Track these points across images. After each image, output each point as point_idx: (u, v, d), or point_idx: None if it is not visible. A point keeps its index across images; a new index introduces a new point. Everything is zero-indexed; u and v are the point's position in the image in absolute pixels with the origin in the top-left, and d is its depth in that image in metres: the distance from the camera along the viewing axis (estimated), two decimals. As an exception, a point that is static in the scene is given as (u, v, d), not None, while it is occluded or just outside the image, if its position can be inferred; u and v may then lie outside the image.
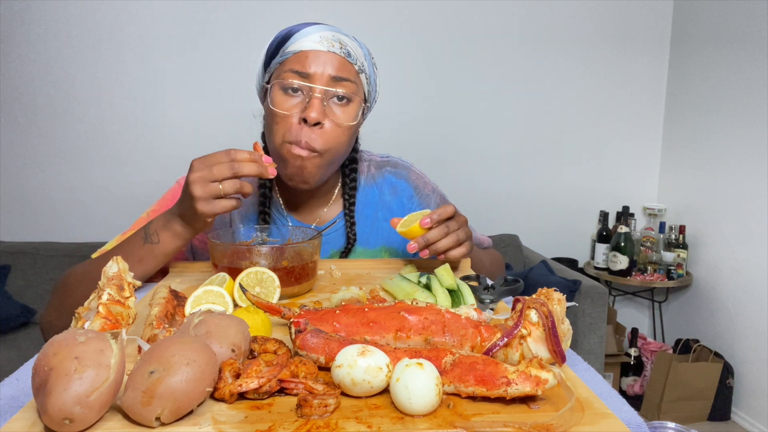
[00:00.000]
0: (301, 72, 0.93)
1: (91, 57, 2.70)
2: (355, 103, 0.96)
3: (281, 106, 0.94)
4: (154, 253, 0.90)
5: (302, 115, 0.92)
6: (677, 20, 3.00)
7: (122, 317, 0.64)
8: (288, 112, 0.93)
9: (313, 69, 0.92)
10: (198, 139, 2.79)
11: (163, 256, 0.91)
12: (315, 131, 0.93)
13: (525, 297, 0.60)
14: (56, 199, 2.78)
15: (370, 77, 1.01)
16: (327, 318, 0.63)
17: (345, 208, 1.09)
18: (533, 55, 2.97)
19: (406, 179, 1.16)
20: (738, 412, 2.62)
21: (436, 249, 0.90)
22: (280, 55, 0.96)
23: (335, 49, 0.94)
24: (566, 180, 3.10)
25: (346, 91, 0.94)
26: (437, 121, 2.92)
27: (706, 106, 2.81)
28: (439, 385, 0.50)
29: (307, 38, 0.94)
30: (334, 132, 0.94)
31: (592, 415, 0.50)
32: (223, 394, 0.51)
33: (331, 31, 0.96)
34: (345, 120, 0.95)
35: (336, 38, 0.95)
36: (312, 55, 0.93)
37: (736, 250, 2.64)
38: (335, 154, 0.97)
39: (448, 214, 0.91)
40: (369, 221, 1.12)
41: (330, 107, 0.94)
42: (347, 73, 0.95)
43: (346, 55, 0.95)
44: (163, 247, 0.90)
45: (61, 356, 0.46)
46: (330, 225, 1.08)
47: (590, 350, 2.39)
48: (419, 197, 1.16)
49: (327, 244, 1.09)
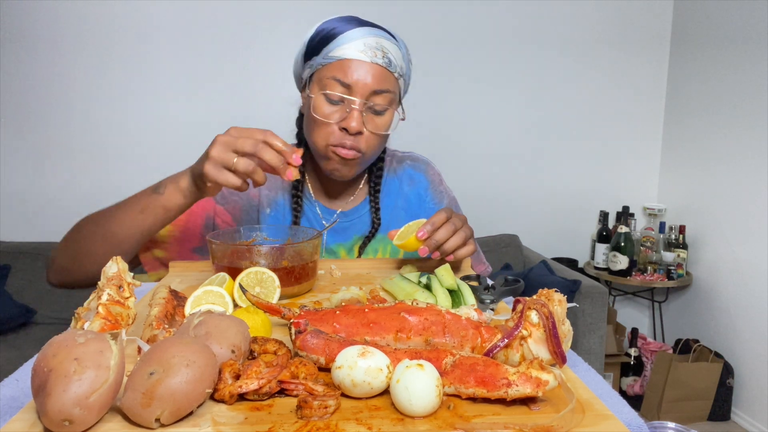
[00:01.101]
0: (342, 82, 0.97)
1: (91, 58, 2.70)
2: (391, 111, 1.02)
3: (323, 113, 0.99)
4: (155, 204, 0.90)
5: (342, 125, 0.98)
6: (677, 21, 3.00)
7: (122, 317, 0.64)
8: (330, 120, 0.98)
9: (354, 79, 0.96)
10: (198, 140, 2.77)
11: (163, 210, 0.90)
12: (356, 137, 0.99)
13: (525, 298, 0.60)
14: (56, 199, 2.78)
15: (407, 77, 1.06)
16: (327, 318, 0.63)
17: (370, 195, 1.15)
18: (533, 55, 2.96)
19: (424, 172, 1.22)
20: (738, 412, 2.62)
21: (445, 249, 0.91)
22: (323, 56, 0.99)
23: (378, 59, 0.97)
24: (566, 180, 3.10)
25: (384, 103, 0.99)
26: (437, 121, 2.92)
27: (706, 106, 2.81)
28: (439, 386, 0.50)
29: (351, 45, 0.97)
30: (372, 138, 1.01)
31: (592, 416, 0.50)
32: (222, 396, 0.51)
33: (375, 37, 0.99)
34: (381, 128, 1.01)
35: (379, 45, 0.98)
36: (355, 64, 0.96)
37: (736, 250, 2.64)
38: (374, 155, 1.05)
39: (443, 219, 0.92)
40: (389, 210, 1.17)
41: (369, 116, 0.99)
42: (387, 84, 0.99)
43: (386, 65, 0.98)
44: (165, 200, 0.90)
45: (60, 357, 0.46)
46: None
47: (590, 350, 2.39)
48: (433, 191, 1.21)
49: (350, 230, 1.14)
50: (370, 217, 1.15)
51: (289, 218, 1.12)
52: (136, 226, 0.92)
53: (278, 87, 2.85)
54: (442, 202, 1.21)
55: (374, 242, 1.15)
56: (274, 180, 1.13)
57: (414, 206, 1.19)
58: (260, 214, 1.12)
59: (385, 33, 1.01)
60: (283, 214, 1.12)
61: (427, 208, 1.20)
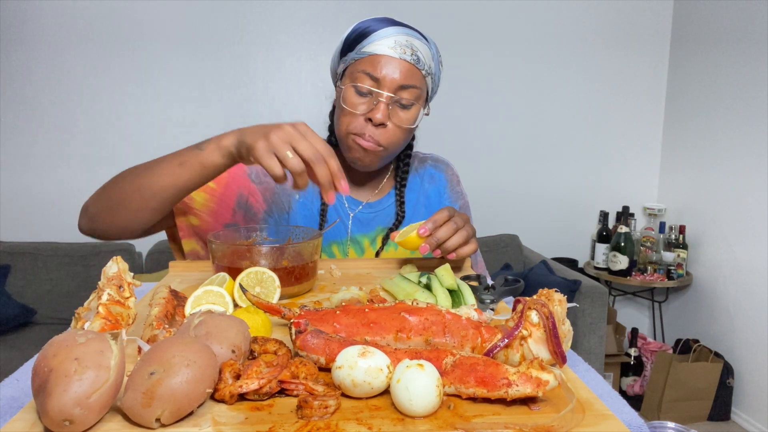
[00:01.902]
0: (372, 75, 1.01)
1: (91, 58, 2.70)
2: (416, 107, 1.05)
3: (351, 103, 1.03)
4: (193, 159, 0.90)
5: (368, 115, 1.02)
6: (677, 21, 3.00)
7: (122, 317, 0.64)
8: (357, 111, 1.03)
9: (383, 73, 1.01)
10: (198, 140, 2.78)
11: (200, 167, 0.89)
12: (379, 129, 1.03)
13: (526, 298, 0.60)
14: (56, 199, 2.78)
15: (436, 76, 1.09)
16: (327, 318, 0.63)
17: (396, 189, 1.19)
18: (533, 55, 2.97)
19: (444, 172, 1.28)
20: (738, 412, 2.62)
21: (447, 247, 0.92)
22: (356, 52, 1.04)
23: (406, 56, 1.02)
24: (566, 180, 3.10)
25: (409, 98, 1.03)
26: (437, 121, 2.91)
27: (706, 106, 2.81)
28: (439, 386, 0.50)
29: (382, 42, 1.02)
30: (396, 132, 1.04)
31: (592, 416, 0.50)
32: (223, 395, 0.51)
33: (405, 36, 1.03)
34: (406, 123, 1.05)
35: (409, 44, 1.02)
36: (384, 60, 1.01)
37: (736, 250, 2.64)
38: (395, 149, 1.08)
39: (444, 218, 0.93)
40: (411, 205, 1.21)
41: (394, 110, 1.03)
42: (413, 80, 1.03)
43: (415, 62, 1.02)
44: (204, 156, 0.89)
45: (60, 357, 0.46)
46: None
47: (590, 350, 2.39)
48: (451, 191, 1.26)
49: (374, 221, 1.17)
50: (394, 210, 1.19)
51: (317, 204, 1.15)
52: (172, 180, 0.91)
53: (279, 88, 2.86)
54: (458, 203, 1.26)
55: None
56: None
57: (434, 203, 1.23)
58: (291, 198, 1.15)
59: (416, 33, 1.05)
60: (311, 200, 1.16)
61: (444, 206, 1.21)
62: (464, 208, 1.27)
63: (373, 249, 1.16)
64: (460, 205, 1.26)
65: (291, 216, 1.14)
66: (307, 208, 1.15)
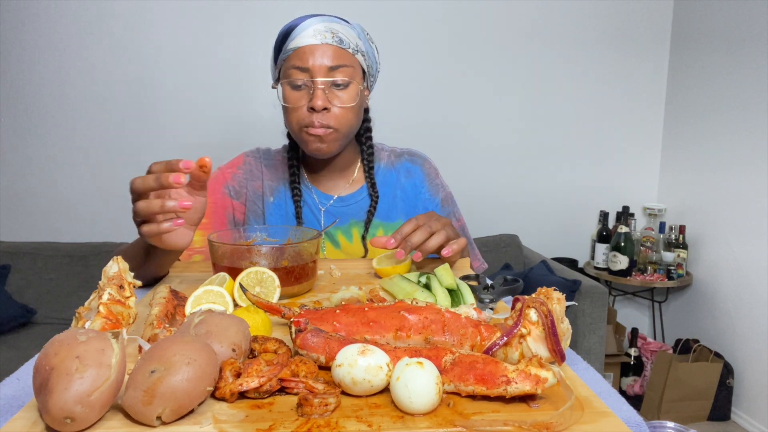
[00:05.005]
0: (301, 67, 1.04)
1: (91, 57, 2.70)
2: (354, 85, 1.07)
3: (291, 100, 1.07)
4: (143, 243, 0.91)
5: (310, 105, 1.05)
6: (677, 21, 3.00)
7: (123, 317, 0.64)
8: (298, 105, 1.06)
9: (311, 63, 1.04)
10: (197, 140, 2.79)
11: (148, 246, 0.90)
12: (324, 114, 1.05)
13: (524, 296, 0.60)
14: (56, 199, 2.78)
15: (368, 53, 1.11)
16: (327, 317, 0.63)
17: (366, 172, 1.21)
18: (533, 55, 2.97)
19: (420, 166, 1.28)
20: (738, 412, 2.62)
21: (426, 248, 0.93)
22: (283, 52, 1.07)
23: (328, 39, 1.04)
24: (566, 180, 3.10)
25: (343, 77, 1.05)
26: (437, 120, 2.92)
27: (706, 106, 2.81)
28: (439, 384, 0.50)
29: (303, 34, 1.04)
30: (342, 112, 1.07)
31: (591, 413, 0.51)
32: (223, 394, 0.51)
33: (323, 23, 1.06)
34: (347, 101, 1.07)
35: (328, 28, 1.05)
36: (308, 49, 1.04)
37: (736, 250, 2.64)
38: (348, 129, 1.10)
39: (411, 227, 0.94)
40: (387, 198, 1.23)
41: (332, 93, 1.05)
42: (342, 60, 1.05)
43: (338, 43, 1.05)
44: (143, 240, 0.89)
45: (62, 356, 0.46)
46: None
47: (590, 350, 2.39)
48: (429, 184, 1.26)
49: (347, 214, 1.19)
50: (368, 203, 1.20)
51: (291, 204, 1.18)
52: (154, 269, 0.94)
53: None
54: (438, 195, 1.26)
55: (372, 227, 1.20)
56: (275, 171, 1.21)
57: (411, 197, 1.24)
58: (264, 202, 1.19)
59: (335, 18, 1.08)
60: (284, 200, 1.19)
61: (423, 200, 1.24)
62: (446, 199, 1.26)
63: (350, 243, 1.18)
64: (441, 197, 1.26)
65: (267, 219, 1.18)
66: (281, 207, 1.19)
